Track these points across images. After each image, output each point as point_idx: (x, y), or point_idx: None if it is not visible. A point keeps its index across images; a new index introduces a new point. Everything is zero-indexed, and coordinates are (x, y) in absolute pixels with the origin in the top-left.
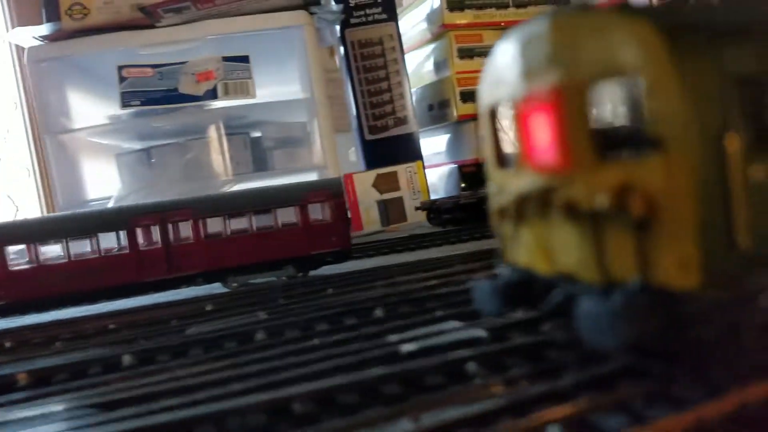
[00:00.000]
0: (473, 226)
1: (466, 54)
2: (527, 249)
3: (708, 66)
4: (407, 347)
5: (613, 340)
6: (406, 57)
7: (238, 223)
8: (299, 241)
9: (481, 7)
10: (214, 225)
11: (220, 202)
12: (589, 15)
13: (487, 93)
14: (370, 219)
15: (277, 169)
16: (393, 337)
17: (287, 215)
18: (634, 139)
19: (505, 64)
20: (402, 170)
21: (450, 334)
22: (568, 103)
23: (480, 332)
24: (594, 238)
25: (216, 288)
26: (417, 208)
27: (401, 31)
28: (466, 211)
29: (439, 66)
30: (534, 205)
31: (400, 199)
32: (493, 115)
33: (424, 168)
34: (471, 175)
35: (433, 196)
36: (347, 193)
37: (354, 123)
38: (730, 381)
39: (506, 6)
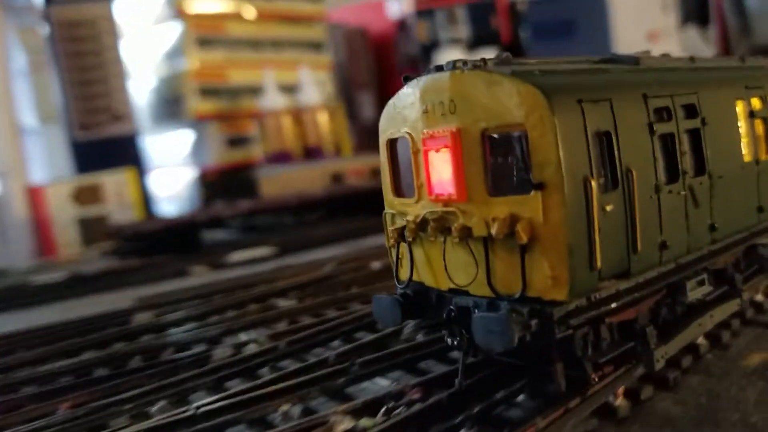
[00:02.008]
0: (159, 261)
1: (206, 44)
2: (421, 267)
3: (576, 124)
4: None
5: (502, 342)
6: (135, 44)
7: None
8: None
9: None
10: None
11: None
12: (483, 73)
13: (387, 127)
14: (66, 241)
15: None
16: None
17: None
18: (520, 179)
19: (405, 104)
20: (110, 180)
21: None
22: (467, 146)
23: None
24: (485, 259)
25: None
26: (105, 234)
27: (126, 12)
28: (150, 240)
29: (173, 56)
30: (432, 230)
31: (106, 216)
32: (391, 146)
33: (143, 175)
34: (214, 183)
35: (171, 208)
36: (35, 209)
37: (60, 119)
38: (594, 369)
39: None
